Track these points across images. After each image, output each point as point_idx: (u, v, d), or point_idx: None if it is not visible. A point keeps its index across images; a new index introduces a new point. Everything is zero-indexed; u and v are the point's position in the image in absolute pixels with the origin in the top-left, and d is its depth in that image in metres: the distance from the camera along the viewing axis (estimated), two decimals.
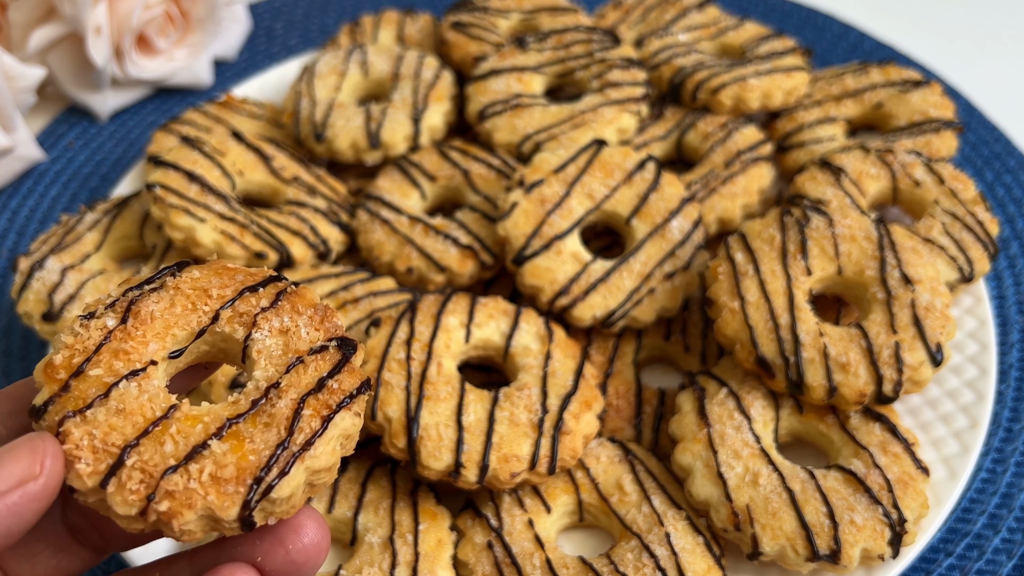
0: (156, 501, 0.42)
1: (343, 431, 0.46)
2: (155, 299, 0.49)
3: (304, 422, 0.45)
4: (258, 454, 0.44)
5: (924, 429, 0.81)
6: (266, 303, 0.50)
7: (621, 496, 0.75)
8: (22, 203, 1.15)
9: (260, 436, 0.44)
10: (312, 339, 0.48)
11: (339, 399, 0.46)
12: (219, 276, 0.51)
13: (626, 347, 0.87)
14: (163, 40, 1.24)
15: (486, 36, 1.13)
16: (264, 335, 0.48)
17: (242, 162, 0.95)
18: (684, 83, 1.05)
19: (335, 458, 0.46)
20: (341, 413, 0.46)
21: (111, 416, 0.44)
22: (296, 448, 0.44)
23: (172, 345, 0.48)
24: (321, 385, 0.46)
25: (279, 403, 0.45)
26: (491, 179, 0.97)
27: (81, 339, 0.47)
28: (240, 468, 0.43)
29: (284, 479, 0.43)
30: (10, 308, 1.01)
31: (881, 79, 1.06)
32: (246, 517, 0.43)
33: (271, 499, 0.43)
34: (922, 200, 0.91)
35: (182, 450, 0.44)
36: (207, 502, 0.42)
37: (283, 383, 0.46)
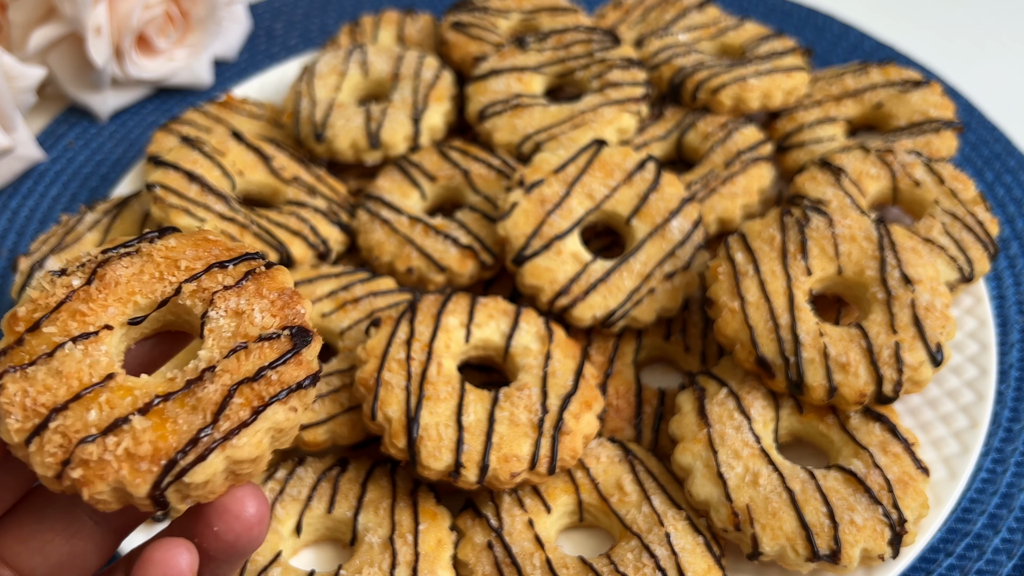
0: (71, 467, 0.42)
1: (274, 424, 0.45)
2: (125, 264, 0.49)
3: (232, 410, 0.44)
4: (178, 436, 0.43)
5: (924, 429, 0.81)
6: (230, 281, 0.49)
7: (621, 496, 0.75)
8: (22, 203, 1.15)
9: (184, 418, 0.44)
10: (265, 325, 0.47)
11: (275, 391, 0.45)
12: (195, 248, 0.50)
13: (626, 347, 0.87)
14: (163, 40, 1.24)
15: (486, 36, 1.13)
16: (219, 314, 0.48)
17: (242, 162, 0.95)
18: (684, 83, 1.05)
19: (261, 450, 0.45)
20: (274, 406, 0.44)
21: (48, 376, 0.45)
22: (218, 435, 0.43)
23: (133, 312, 0.48)
24: (259, 374, 0.45)
25: (210, 387, 0.45)
26: (491, 179, 0.97)
27: (45, 295, 0.47)
28: (156, 448, 0.43)
29: (200, 465, 0.43)
30: (10, 308, 1.01)
31: (881, 79, 1.06)
32: (156, 496, 0.43)
33: (184, 483, 0.43)
34: (922, 200, 0.91)
35: (104, 420, 0.44)
36: (119, 476, 0.42)
37: (219, 367, 0.45)
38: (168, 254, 0.50)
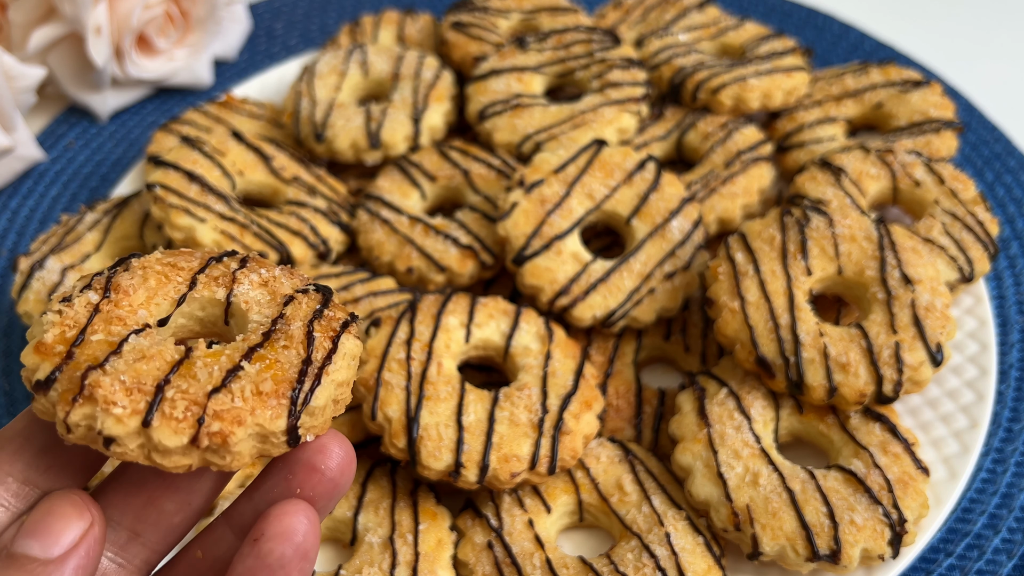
0: (206, 424, 0.42)
1: (350, 351, 0.48)
2: (128, 276, 0.49)
3: (319, 342, 0.47)
4: (287, 370, 0.45)
5: (924, 429, 0.81)
6: (236, 265, 0.51)
7: (621, 496, 0.75)
8: (22, 203, 1.15)
9: (284, 357, 0.46)
10: (294, 285, 0.50)
11: (339, 323, 0.48)
12: (176, 256, 0.52)
13: (626, 347, 0.87)
14: (163, 40, 1.24)
15: (486, 36, 1.13)
16: (247, 288, 0.50)
17: (242, 162, 0.95)
18: (684, 83, 1.05)
19: (351, 373, 0.48)
20: (345, 335, 0.48)
21: (134, 363, 0.44)
22: (318, 363, 0.46)
23: (158, 314, 0.49)
24: (320, 313, 0.48)
25: (291, 328, 0.47)
26: (491, 179, 0.97)
27: (68, 316, 0.46)
28: (277, 382, 0.45)
29: (319, 388, 0.45)
30: (10, 308, 1.01)
31: (881, 79, 1.06)
32: (292, 427, 0.44)
33: (310, 409, 0.45)
34: (922, 200, 0.91)
35: (217, 376, 0.44)
36: (255, 417, 0.43)
37: (287, 314, 0.48)
38: (163, 262, 0.51)
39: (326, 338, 0.47)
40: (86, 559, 0.42)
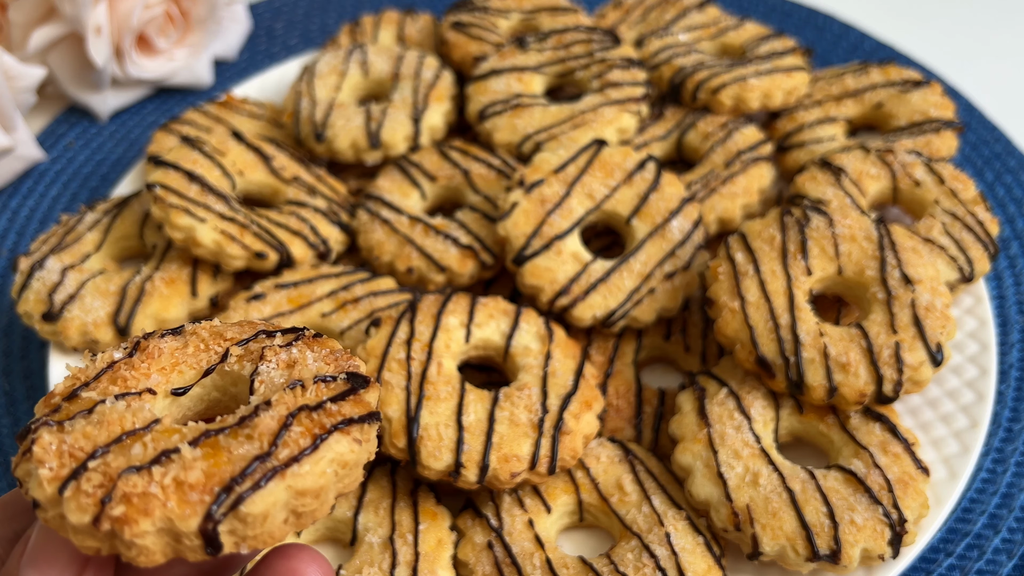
0: (111, 505, 0.37)
1: (338, 455, 0.41)
2: (167, 339, 0.47)
3: (291, 438, 0.40)
4: (232, 464, 0.39)
5: (924, 429, 0.81)
6: (281, 343, 0.46)
7: (621, 496, 0.75)
8: (22, 203, 1.15)
9: (239, 447, 0.40)
10: (319, 370, 0.44)
11: (336, 420, 0.41)
12: (239, 326, 0.48)
13: (626, 347, 0.87)
14: (163, 40, 1.24)
15: (486, 36, 1.13)
16: (270, 368, 0.45)
17: (242, 162, 0.95)
18: (684, 83, 1.05)
19: (325, 481, 0.40)
20: (336, 435, 0.41)
21: (89, 426, 0.41)
22: (277, 462, 0.39)
23: (178, 382, 0.46)
24: (319, 405, 0.42)
25: (265, 415, 0.41)
26: (491, 179, 0.97)
27: (84, 371, 0.45)
28: (209, 475, 0.39)
29: (258, 492, 0.38)
30: (10, 308, 1.01)
31: (881, 79, 1.06)
32: (209, 531, 0.38)
33: (240, 515, 0.38)
34: (922, 200, 0.91)
35: (150, 454, 0.39)
36: (166, 510, 0.38)
37: (275, 400, 0.42)
38: (211, 329, 0.48)
39: (307, 435, 0.40)
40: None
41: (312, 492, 0.40)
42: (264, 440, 0.40)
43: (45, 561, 0.41)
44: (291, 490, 0.39)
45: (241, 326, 0.48)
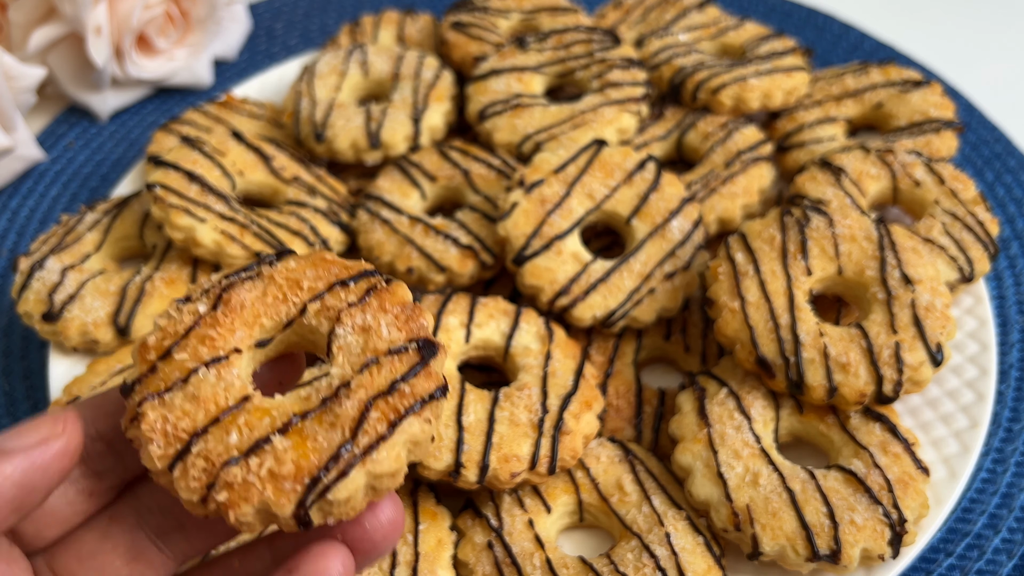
0: (215, 491, 0.43)
1: (410, 437, 0.45)
2: (248, 287, 0.49)
3: (370, 425, 0.44)
4: (319, 454, 0.43)
5: (924, 429, 0.80)
6: (354, 299, 0.49)
7: (621, 496, 0.75)
8: (22, 203, 1.15)
9: (324, 435, 0.44)
10: (392, 339, 0.47)
11: (409, 403, 0.45)
12: (314, 268, 0.51)
13: (626, 347, 0.87)
14: (163, 40, 1.24)
15: (486, 36, 1.13)
16: (346, 331, 0.48)
17: (242, 162, 0.95)
18: (684, 83, 1.05)
19: (400, 464, 0.44)
20: (409, 419, 0.45)
21: (186, 402, 0.45)
22: (358, 451, 0.43)
23: (260, 334, 0.49)
24: (392, 388, 0.45)
25: (347, 403, 0.45)
26: (491, 179, 0.97)
27: (173, 323, 0.48)
28: (299, 467, 0.43)
29: (342, 481, 0.43)
30: (10, 308, 1.01)
31: (881, 79, 1.06)
32: (301, 516, 0.43)
33: (328, 500, 0.43)
34: (922, 200, 0.91)
35: (245, 442, 0.44)
36: (263, 497, 0.42)
37: (354, 383, 0.46)
38: (289, 275, 0.50)
39: (384, 420, 0.44)
40: (33, 464, 0.43)
41: (388, 474, 0.44)
42: (346, 428, 0.44)
43: None
44: (370, 475, 0.44)
45: (315, 266, 0.50)
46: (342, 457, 0.43)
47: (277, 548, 0.49)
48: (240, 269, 0.50)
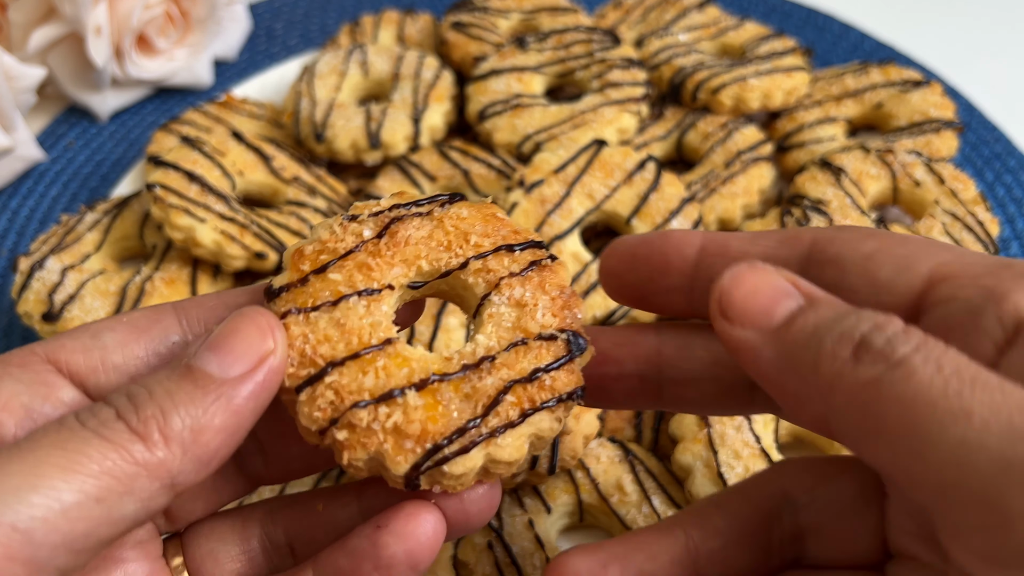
0: (337, 427, 0.42)
1: (538, 431, 0.43)
2: (416, 224, 0.48)
3: (503, 407, 0.43)
4: (447, 421, 0.42)
5: None
6: (516, 268, 0.47)
7: (621, 496, 0.75)
8: (22, 203, 1.15)
9: (457, 404, 0.43)
10: (544, 324, 0.46)
11: (546, 397, 0.44)
12: (484, 223, 0.49)
13: None
14: (163, 40, 1.24)
15: (486, 36, 1.13)
16: (502, 301, 0.46)
17: (242, 162, 0.95)
18: (684, 83, 1.05)
19: (520, 454, 0.43)
20: (541, 413, 0.43)
21: (330, 327, 0.44)
22: (485, 431, 0.42)
23: (415, 276, 0.47)
24: (534, 376, 0.44)
25: (487, 379, 0.44)
26: (491, 179, 0.97)
27: (335, 238, 0.46)
28: (424, 429, 0.42)
29: (462, 457, 0.42)
30: (10, 308, 1.01)
31: (881, 79, 1.06)
32: (412, 478, 0.42)
33: (442, 471, 0.42)
34: (922, 200, 0.91)
35: (379, 388, 0.43)
36: (382, 449, 0.42)
37: (498, 359, 0.44)
38: (458, 224, 0.49)
39: (517, 406, 0.43)
40: (261, 387, 0.41)
41: (507, 462, 0.43)
42: (480, 405, 0.43)
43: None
44: (489, 457, 0.43)
45: (485, 222, 0.49)
46: (468, 432, 0.42)
47: (365, 499, 0.49)
48: (411, 202, 0.49)
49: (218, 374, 0.40)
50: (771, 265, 0.43)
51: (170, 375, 0.40)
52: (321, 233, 0.47)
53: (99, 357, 0.45)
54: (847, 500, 0.47)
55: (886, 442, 0.36)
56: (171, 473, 0.38)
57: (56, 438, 0.37)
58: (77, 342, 0.45)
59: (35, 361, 0.44)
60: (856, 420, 0.37)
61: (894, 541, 0.45)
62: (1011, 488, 0.31)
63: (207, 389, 0.39)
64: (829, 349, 0.38)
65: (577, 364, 0.45)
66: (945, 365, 0.35)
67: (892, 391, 0.35)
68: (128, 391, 0.40)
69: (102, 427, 0.38)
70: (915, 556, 0.43)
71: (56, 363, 0.44)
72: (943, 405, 0.33)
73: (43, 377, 0.43)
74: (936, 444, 0.33)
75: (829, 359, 0.37)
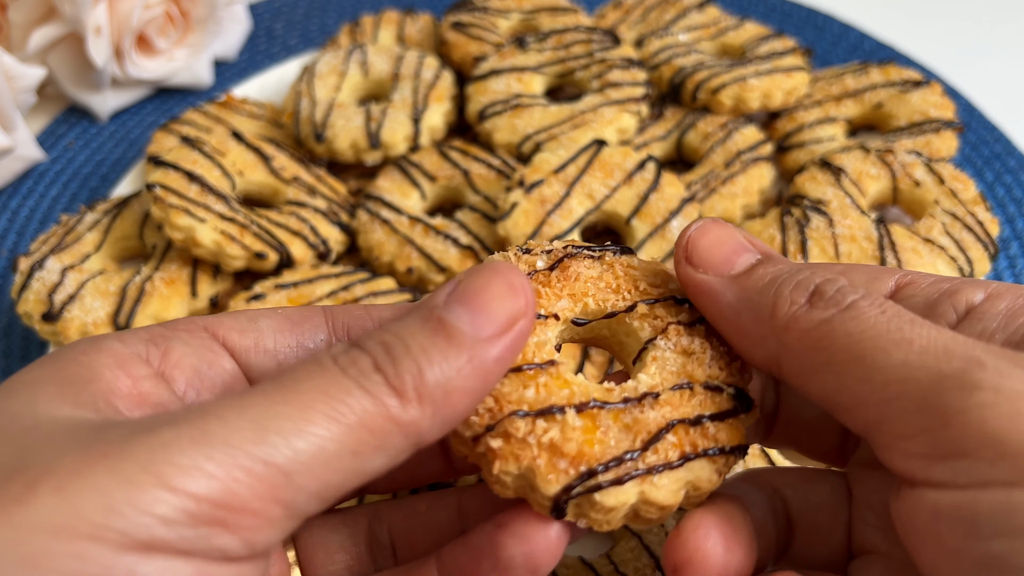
0: (492, 435, 0.41)
1: (696, 478, 0.41)
2: (587, 264, 0.48)
3: (663, 445, 0.41)
4: (604, 447, 0.41)
5: None
6: (685, 319, 0.47)
7: None
8: (22, 203, 1.15)
9: (615, 434, 0.41)
10: (711, 375, 0.45)
11: (709, 445, 0.42)
12: (654, 275, 0.49)
13: None
14: (163, 40, 1.24)
15: (486, 36, 1.13)
16: (668, 345, 0.46)
17: (242, 162, 0.95)
18: (684, 83, 1.05)
19: (675, 500, 0.41)
20: (703, 460, 0.42)
21: None
22: (642, 466, 0.40)
23: (580, 312, 0.47)
24: (699, 421, 0.42)
25: (649, 413, 0.42)
26: (491, 179, 0.97)
27: (522, 260, 0.47)
28: (581, 451, 0.40)
29: (615, 488, 0.40)
30: (10, 308, 1.01)
31: (881, 79, 1.06)
32: (561, 502, 0.40)
33: (592, 501, 0.40)
34: (922, 200, 0.91)
35: (539, 402, 0.41)
36: (535, 464, 0.40)
37: (662, 397, 0.43)
38: (628, 271, 0.49)
39: (676, 449, 0.41)
40: (510, 350, 0.40)
41: (658, 505, 0.41)
42: (639, 438, 0.41)
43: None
44: (642, 496, 0.41)
45: (655, 274, 0.49)
46: (624, 464, 0.40)
47: (466, 502, 0.49)
48: (583, 246, 0.49)
49: (471, 333, 0.39)
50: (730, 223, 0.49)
51: (423, 327, 0.39)
52: (496, 259, 0.47)
53: (254, 338, 0.46)
54: (823, 497, 0.51)
55: (834, 371, 0.40)
56: (420, 432, 0.38)
57: (320, 382, 0.37)
58: (236, 321, 0.46)
59: (198, 330, 0.45)
60: (807, 355, 0.41)
61: (857, 536, 0.49)
62: (948, 393, 0.36)
63: (461, 348, 0.38)
64: (786, 295, 0.43)
65: (743, 421, 0.44)
66: (888, 309, 0.41)
67: (843, 328, 0.40)
68: (383, 340, 0.39)
69: (363, 377, 0.37)
70: (874, 548, 0.47)
71: (216, 336, 0.46)
72: (887, 337, 0.39)
73: (208, 344, 0.45)
74: (881, 367, 0.38)
75: (785, 303, 0.43)
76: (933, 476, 0.37)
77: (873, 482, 0.49)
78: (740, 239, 0.48)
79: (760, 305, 0.43)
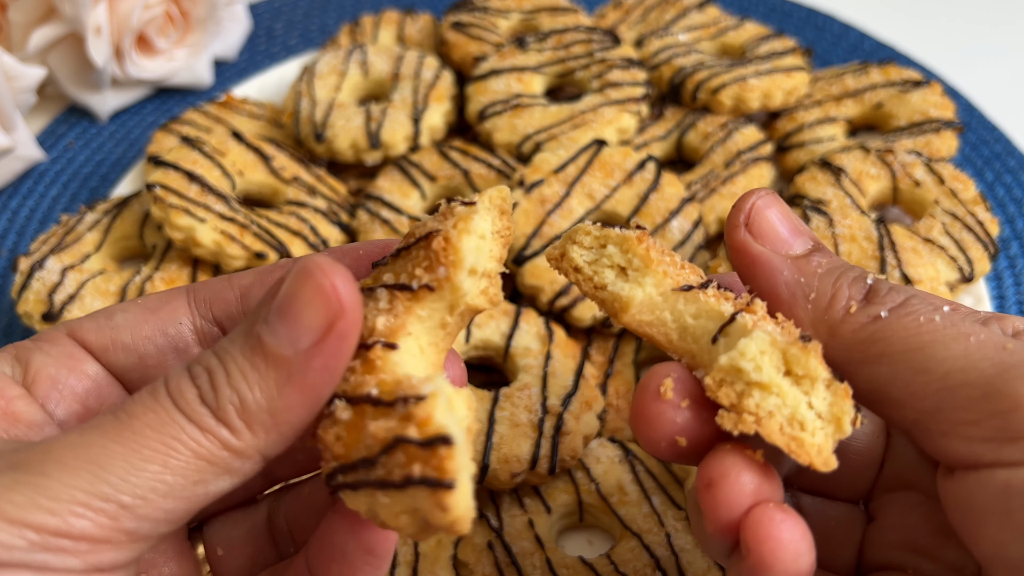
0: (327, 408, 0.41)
1: (409, 507, 0.39)
2: (659, 249, 0.50)
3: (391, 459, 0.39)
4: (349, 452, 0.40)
5: None
6: (761, 310, 0.47)
7: (621, 496, 0.75)
8: (22, 203, 1.15)
9: (359, 434, 0.40)
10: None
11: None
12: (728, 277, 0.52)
13: (626, 347, 0.87)
14: (163, 40, 1.24)
15: (486, 36, 1.13)
16: (754, 319, 0.46)
17: (242, 162, 0.95)
18: (684, 83, 1.05)
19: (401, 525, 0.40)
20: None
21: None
22: (373, 477, 0.39)
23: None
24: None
25: (381, 423, 0.39)
26: (491, 179, 0.97)
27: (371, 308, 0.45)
28: (347, 448, 0.40)
29: (350, 493, 0.41)
30: (10, 308, 1.01)
31: (881, 79, 1.06)
32: (331, 488, 0.40)
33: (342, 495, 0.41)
34: (922, 200, 0.91)
35: (353, 385, 0.40)
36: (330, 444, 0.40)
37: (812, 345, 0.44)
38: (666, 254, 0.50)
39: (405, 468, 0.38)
40: (332, 357, 0.39)
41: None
42: (375, 447, 0.40)
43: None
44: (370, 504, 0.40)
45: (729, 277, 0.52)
46: (360, 468, 0.40)
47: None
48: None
49: (289, 351, 0.38)
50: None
51: (243, 346, 0.39)
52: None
53: (110, 336, 0.47)
54: (841, 513, 0.53)
55: (888, 363, 0.43)
56: (259, 451, 0.39)
57: (153, 419, 0.38)
58: (93, 322, 0.47)
59: (61, 338, 0.46)
60: (860, 347, 0.44)
61: (874, 554, 0.51)
62: (1015, 380, 0.39)
63: (279, 366, 0.38)
64: (844, 289, 0.46)
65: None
66: (940, 307, 0.44)
67: (899, 323, 0.43)
68: (208, 366, 0.39)
69: (191, 410, 0.38)
70: (894, 565, 0.50)
71: (78, 340, 0.47)
72: (944, 331, 0.42)
73: (70, 350, 0.46)
74: (941, 358, 0.41)
75: (843, 297, 0.46)
76: (1003, 456, 0.40)
77: (897, 506, 0.51)
78: (798, 221, 0.50)
79: (819, 293, 0.46)
